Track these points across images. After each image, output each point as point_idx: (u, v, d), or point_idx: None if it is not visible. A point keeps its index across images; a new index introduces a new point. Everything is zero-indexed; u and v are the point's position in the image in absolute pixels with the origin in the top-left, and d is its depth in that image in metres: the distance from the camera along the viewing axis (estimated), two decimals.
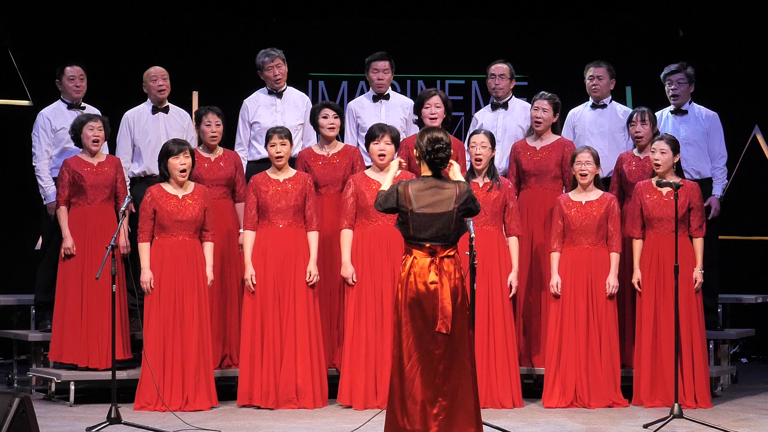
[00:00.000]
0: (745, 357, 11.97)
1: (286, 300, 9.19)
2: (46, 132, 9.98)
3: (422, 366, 7.03)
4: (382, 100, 10.19)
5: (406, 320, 7.07)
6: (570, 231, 9.31)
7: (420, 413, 7.02)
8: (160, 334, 9.03)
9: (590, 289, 9.26)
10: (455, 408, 7.03)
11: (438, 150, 7.11)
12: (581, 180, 9.30)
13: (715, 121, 10.17)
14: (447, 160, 7.16)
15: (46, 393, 9.67)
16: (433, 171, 7.16)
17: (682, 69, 10.17)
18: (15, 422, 6.52)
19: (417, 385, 7.02)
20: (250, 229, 9.26)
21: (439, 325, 7.01)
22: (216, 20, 12.30)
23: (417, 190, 7.11)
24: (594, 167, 9.29)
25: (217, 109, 9.64)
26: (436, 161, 7.13)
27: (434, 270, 7.05)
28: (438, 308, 7.02)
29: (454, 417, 7.02)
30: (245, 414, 8.95)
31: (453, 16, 12.42)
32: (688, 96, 10.20)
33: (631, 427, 8.48)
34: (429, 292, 7.04)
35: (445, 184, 7.14)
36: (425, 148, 7.12)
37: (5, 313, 10.71)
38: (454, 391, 7.04)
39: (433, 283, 7.04)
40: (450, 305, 7.02)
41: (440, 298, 7.03)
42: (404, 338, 7.07)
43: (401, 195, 7.12)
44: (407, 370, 7.04)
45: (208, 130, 9.62)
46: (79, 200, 9.54)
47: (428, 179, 7.15)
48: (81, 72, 10.06)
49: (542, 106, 9.74)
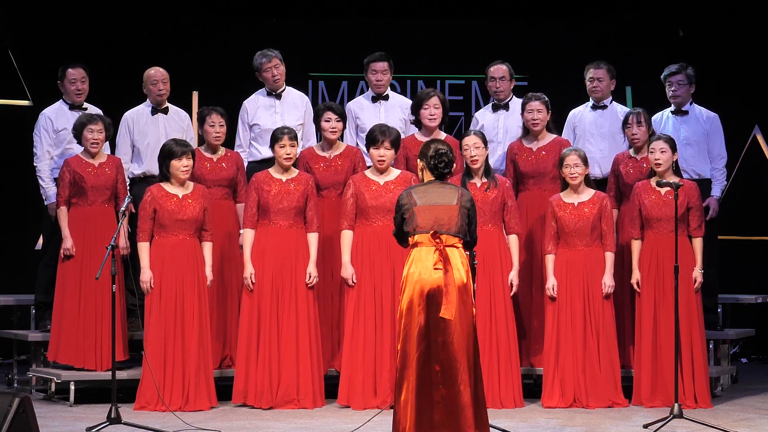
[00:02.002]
0: (745, 357, 11.98)
1: (285, 300, 9.19)
2: (48, 132, 9.98)
3: (428, 356, 7.04)
4: (381, 100, 10.19)
5: (414, 313, 7.08)
6: (564, 233, 9.31)
7: (427, 404, 7.02)
8: (161, 333, 9.03)
9: (586, 290, 9.26)
10: (458, 398, 7.02)
11: (442, 159, 7.33)
12: (571, 182, 9.30)
13: (716, 123, 10.18)
14: (450, 166, 7.36)
15: (46, 393, 9.67)
16: (437, 178, 7.37)
17: (682, 70, 10.17)
18: (15, 422, 6.52)
19: (423, 375, 7.03)
20: (250, 227, 9.25)
21: (443, 311, 7.03)
22: (216, 20, 12.31)
23: (422, 192, 7.28)
24: (583, 168, 9.29)
25: (220, 110, 9.64)
26: (439, 167, 7.35)
27: (438, 257, 7.10)
28: (443, 294, 7.05)
29: (457, 408, 7.02)
30: (245, 414, 8.96)
31: (453, 16, 12.42)
32: (688, 97, 10.20)
33: (630, 427, 8.48)
34: (433, 279, 7.07)
35: (450, 186, 7.33)
36: (431, 161, 7.34)
37: (5, 313, 10.71)
38: (457, 388, 7.03)
39: (437, 270, 7.08)
40: (454, 291, 7.05)
41: (444, 284, 7.06)
42: (409, 328, 7.08)
43: (405, 198, 7.27)
44: (413, 360, 7.04)
45: (211, 131, 9.61)
46: (79, 201, 9.54)
47: (432, 182, 7.34)
48: (83, 74, 10.05)
49: (536, 107, 9.73)
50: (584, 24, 12.33)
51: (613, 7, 12.33)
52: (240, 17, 12.33)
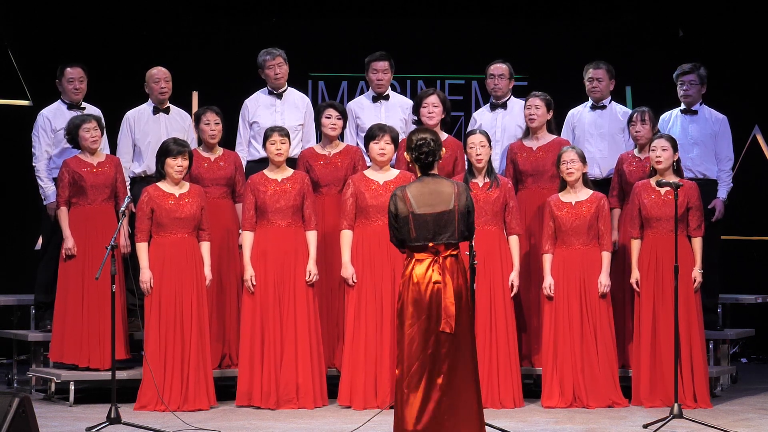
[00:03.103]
0: (745, 357, 11.97)
1: (286, 300, 9.19)
2: (46, 132, 9.99)
3: (427, 367, 7.02)
4: (381, 100, 10.19)
5: (410, 321, 7.06)
6: (561, 232, 9.31)
7: (425, 413, 7.00)
8: (161, 333, 9.03)
9: (583, 289, 9.26)
10: (458, 408, 7.02)
11: (421, 146, 7.13)
12: (568, 178, 9.30)
13: (725, 124, 10.18)
14: (432, 154, 7.15)
15: (46, 393, 9.67)
16: (424, 170, 7.17)
17: (695, 70, 10.17)
18: (15, 422, 6.52)
19: (422, 385, 7.01)
20: (249, 229, 9.26)
21: (443, 324, 6.99)
22: (216, 20, 12.30)
23: (416, 193, 7.11)
24: (580, 165, 9.29)
25: (216, 109, 9.65)
26: (421, 157, 7.14)
27: (437, 269, 7.04)
28: (442, 308, 7.02)
29: (456, 417, 7.01)
30: (245, 414, 8.96)
31: (453, 16, 12.42)
32: (699, 97, 10.21)
33: (630, 427, 8.47)
34: (432, 291, 7.03)
35: (443, 183, 7.15)
36: (412, 152, 7.17)
37: (5, 313, 10.71)
38: (457, 391, 7.02)
39: (436, 283, 7.03)
40: (453, 305, 7.01)
41: (444, 297, 7.02)
42: (408, 339, 7.05)
43: (400, 198, 7.12)
44: (412, 372, 7.02)
45: (207, 129, 9.62)
46: (79, 200, 9.55)
47: (424, 179, 7.16)
48: (81, 74, 10.06)
49: (535, 103, 9.76)
50: (584, 24, 12.33)
51: (613, 7, 12.32)
52: (240, 17, 12.32)
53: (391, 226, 7.18)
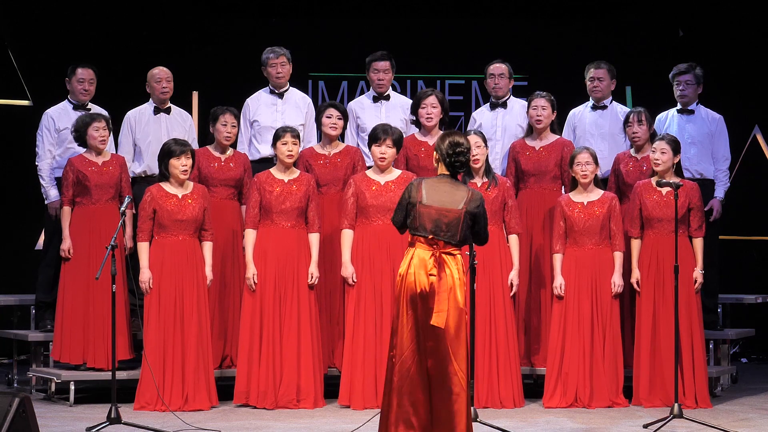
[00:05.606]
0: (745, 357, 11.98)
1: (287, 301, 9.19)
2: (50, 131, 9.99)
3: (416, 358, 7.03)
4: (382, 100, 10.19)
5: (404, 312, 7.08)
6: (573, 232, 9.31)
7: (411, 406, 7.02)
8: (160, 333, 9.03)
9: (594, 289, 9.26)
10: (444, 404, 7.02)
11: (459, 154, 7.18)
12: (582, 181, 9.30)
13: (721, 124, 10.19)
14: (466, 164, 7.24)
15: (46, 393, 9.67)
16: (451, 172, 7.23)
17: (691, 70, 10.18)
18: (15, 422, 6.52)
19: (411, 377, 7.03)
20: (252, 227, 9.26)
21: (434, 318, 7.01)
22: (216, 20, 12.31)
23: (431, 186, 7.17)
24: (594, 167, 9.30)
25: (234, 110, 9.67)
26: (456, 164, 7.20)
27: (433, 263, 7.06)
28: (433, 300, 7.03)
29: (441, 414, 7.01)
30: (245, 414, 8.96)
31: (453, 16, 12.42)
32: (695, 97, 10.22)
33: (630, 427, 8.48)
34: (426, 284, 7.05)
35: (460, 186, 7.21)
36: (446, 151, 7.19)
37: (5, 313, 10.72)
38: (444, 388, 7.02)
39: (431, 276, 7.05)
40: (446, 300, 7.02)
41: (437, 291, 7.03)
42: (401, 330, 7.08)
43: (415, 188, 7.17)
44: (402, 362, 7.04)
45: (223, 130, 9.62)
46: (83, 200, 9.55)
47: (444, 179, 7.21)
48: (92, 75, 10.06)
49: (541, 104, 9.75)
50: (584, 24, 12.33)
51: (613, 7, 12.33)
52: (240, 17, 12.33)
53: (398, 205, 7.23)
